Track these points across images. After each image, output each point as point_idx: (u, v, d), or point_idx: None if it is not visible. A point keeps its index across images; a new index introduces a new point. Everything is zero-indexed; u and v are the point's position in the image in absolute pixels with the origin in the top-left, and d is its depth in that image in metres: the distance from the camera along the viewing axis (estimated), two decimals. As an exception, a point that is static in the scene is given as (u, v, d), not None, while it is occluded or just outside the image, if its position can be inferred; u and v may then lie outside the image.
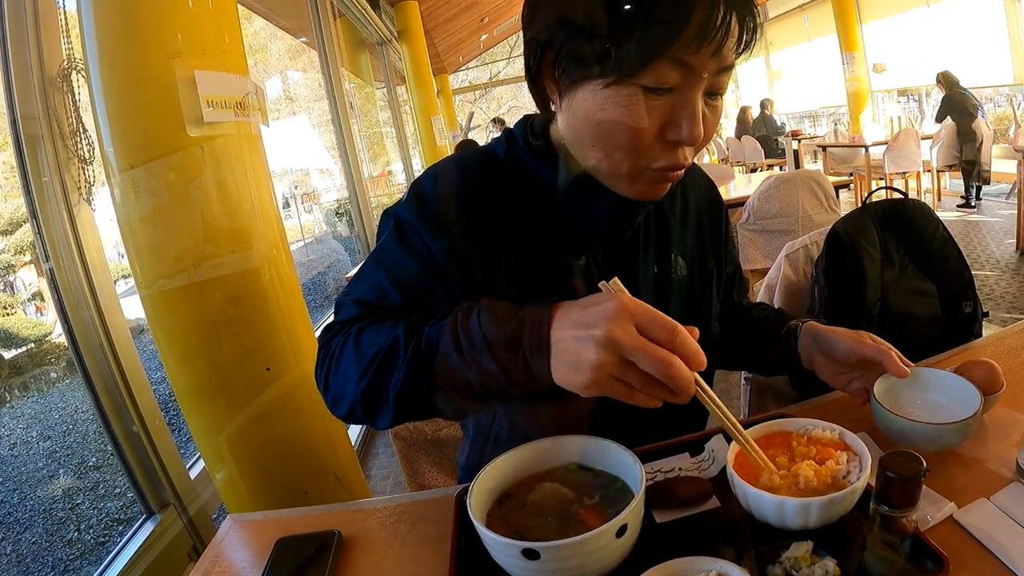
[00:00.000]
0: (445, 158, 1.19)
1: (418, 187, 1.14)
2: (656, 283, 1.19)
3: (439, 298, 1.08)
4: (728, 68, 0.92)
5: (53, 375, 5.15)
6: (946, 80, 8.36)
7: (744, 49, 0.95)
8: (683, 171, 0.99)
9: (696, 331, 0.77)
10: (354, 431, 4.09)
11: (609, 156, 0.98)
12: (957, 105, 8.00)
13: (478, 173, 1.14)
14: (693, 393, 0.76)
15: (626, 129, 0.92)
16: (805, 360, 1.21)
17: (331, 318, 1.11)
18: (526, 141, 1.12)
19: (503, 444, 1.24)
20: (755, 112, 12.48)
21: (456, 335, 0.85)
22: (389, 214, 1.14)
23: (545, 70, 0.99)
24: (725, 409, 0.85)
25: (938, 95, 9.23)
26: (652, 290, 1.18)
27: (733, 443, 0.92)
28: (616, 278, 0.83)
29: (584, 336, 0.75)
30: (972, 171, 7.79)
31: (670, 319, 0.75)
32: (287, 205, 10.35)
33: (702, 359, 0.75)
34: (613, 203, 1.07)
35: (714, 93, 0.94)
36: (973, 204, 7.94)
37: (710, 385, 1.34)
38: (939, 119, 8.27)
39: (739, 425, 0.88)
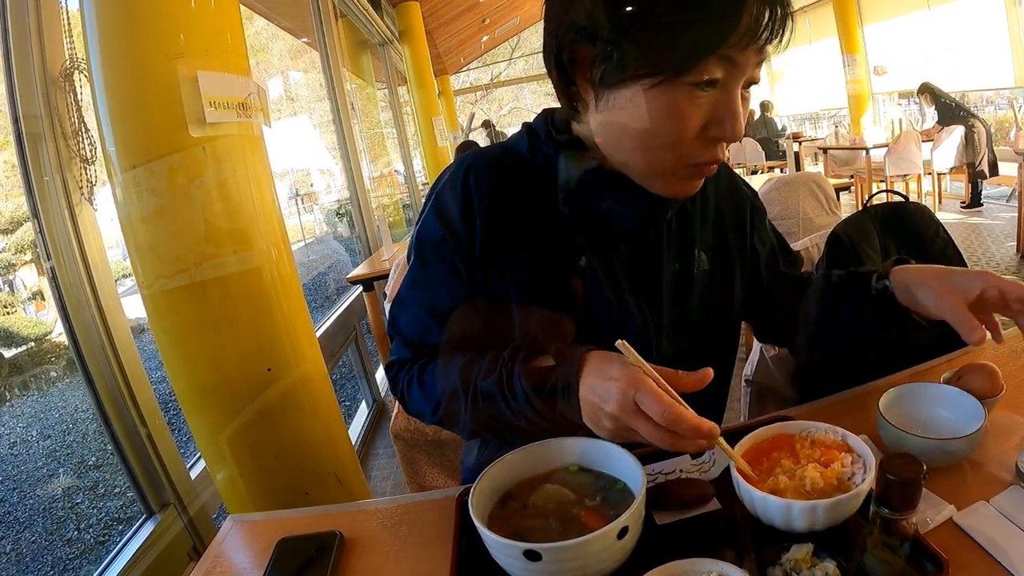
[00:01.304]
0: (462, 157, 1.17)
1: (438, 200, 1.15)
2: (678, 279, 1.18)
3: (477, 315, 1.14)
4: (764, 59, 0.94)
5: (53, 374, 5.15)
6: (931, 91, 8.41)
7: (783, 41, 0.95)
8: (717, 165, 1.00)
9: (710, 373, 0.86)
10: (354, 432, 4.10)
11: (650, 154, 0.98)
12: (955, 110, 8.04)
13: (501, 171, 1.13)
14: (706, 433, 0.81)
15: (671, 129, 0.93)
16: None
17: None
18: (550, 137, 1.12)
19: (517, 444, 1.25)
20: (756, 114, 12.47)
21: (504, 394, 0.99)
22: (418, 238, 1.17)
23: (580, 68, 0.97)
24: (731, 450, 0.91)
25: (926, 106, 9.25)
26: (674, 286, 1.18)
27: (737, 446, 0.92)
28: (624, 341, 0.87)
29: (599, 408, 0.87)
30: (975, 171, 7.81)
31: (665, 398, 0.82)
32: (299, 201, 10.35)
33: (697, 425, 0.81)
34: (643, 201, 1.07)
35: (749, 84, 0.96)
36: (981, 203, 7.97)
37: (729, 379, 1.35)
38: (944, 123, 8.23)
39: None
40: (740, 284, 1.28)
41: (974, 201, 7.99)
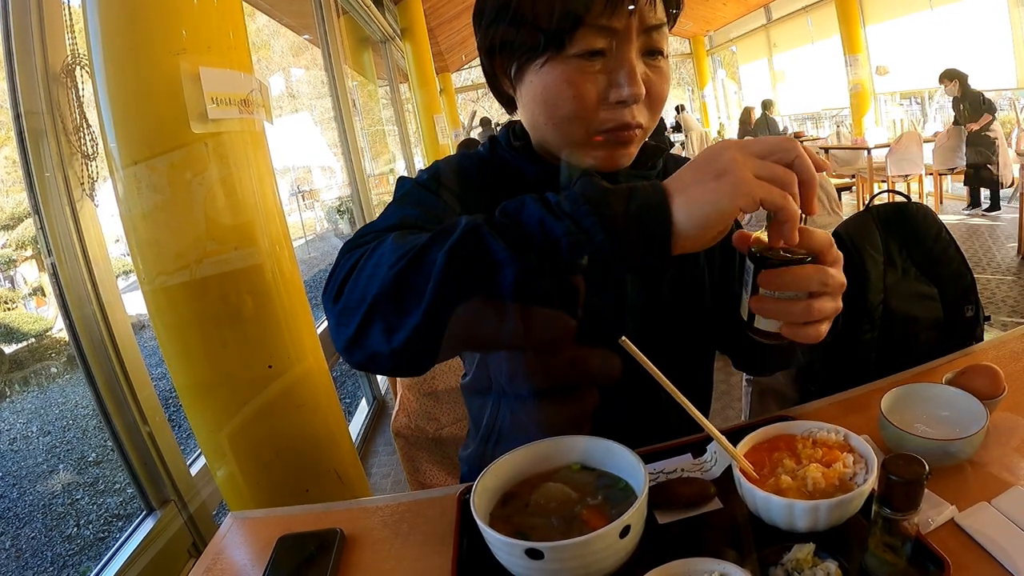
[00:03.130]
0: (442, 159, 1.22)
1: (432, 169, 1.17)
2: (643, 283, 1.18)
3: None
4: (657, 26, 0.98)
5: (53, 370, 5.15)
6: (959, 77, 8.06)
7: (673, 7, 1.02)
8: (637, 130, 1.01)
9: None
10: (355, 429, 4.10)
11: (561, 128, 1.02)
12: (983, 102, 7.82)
13: (465, 171, 1.17)
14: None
15: (569, 98, 0.98)
16: None
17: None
18: (508, 143, 1.17)
19: (507, 440, 1.25)
20: (756, 113, 12.48)
21: (545, 199, 0.74)
22: (405, 178, 1.13)
23: (498, 70, 1.08)
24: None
25: (942, 97, 9.23)
26: (639, 291, 1.17)
27: (739, 445, 0.92)
28: (626, 339, 0.84)
29: (708, 164, 0.72)
30: (989, 175, 7.73)
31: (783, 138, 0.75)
32: (300, 198, 10.36)
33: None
34: None
35: (652, 52, 0.99)
36: (1000, 206, 7.87)
37: (710, 371, 1.35)
38: (975, 117, 7.89)
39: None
40: (710, 290, 1.27)
41: (993, 204, 7.87)
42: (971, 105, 7.86)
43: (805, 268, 0.77)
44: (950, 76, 8.07)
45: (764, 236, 0.78)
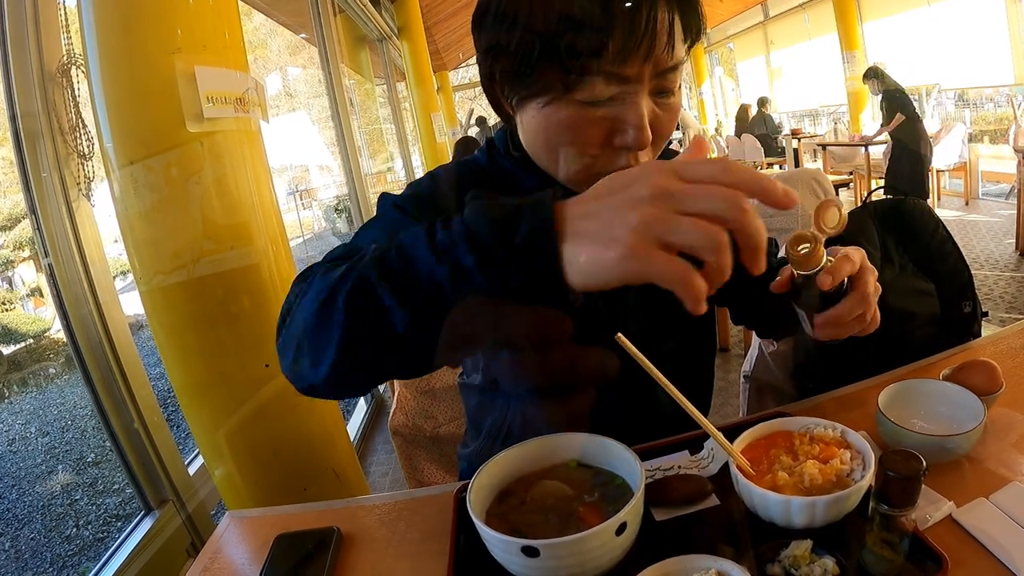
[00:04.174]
0: (431, 171, 1.20)
1: (415, 186, 1.15)
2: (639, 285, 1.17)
3: None
4: (672, 68, 0.93)
5: (52, 370, 5.15)
6: (877, 74, 7.78)
7: (690, 44, 0.97)
8: None
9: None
10: (353, 428, 4.10)
11: (563, 164, 1.00)
12: (905, 104, 7.45)
13: (463, 182, 1.15)
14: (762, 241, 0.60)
15: (572, 141, 0.95)
16: None
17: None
18: (507, 150, 1.14)
19: (506, 438, 1.25)
20: (752, 110, 12.49)
21: (432, 227, 0.71)
22: (386, 195, 1.14)
23: (497, 91, 1.02)
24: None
25: (939, 94, 9.26)
26: (634, 292, 1.17)
27: (735, 442, 0.92)
28: (622, 335, 0.82)
29: (619, 198, 0.62)
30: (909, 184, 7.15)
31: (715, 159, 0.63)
32: (297, 197, 10.34)
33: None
34: None
35: (663, 92, 0.95)
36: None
37: (711, 369, 1.36)
38: (888, 123, 7.57)
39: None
40: None
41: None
42: (887, 104, 7.59)
43: (852, 309, 0.92)
44: (868, 75, 7.92)
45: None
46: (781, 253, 0.96)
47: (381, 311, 0.71)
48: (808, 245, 0.88)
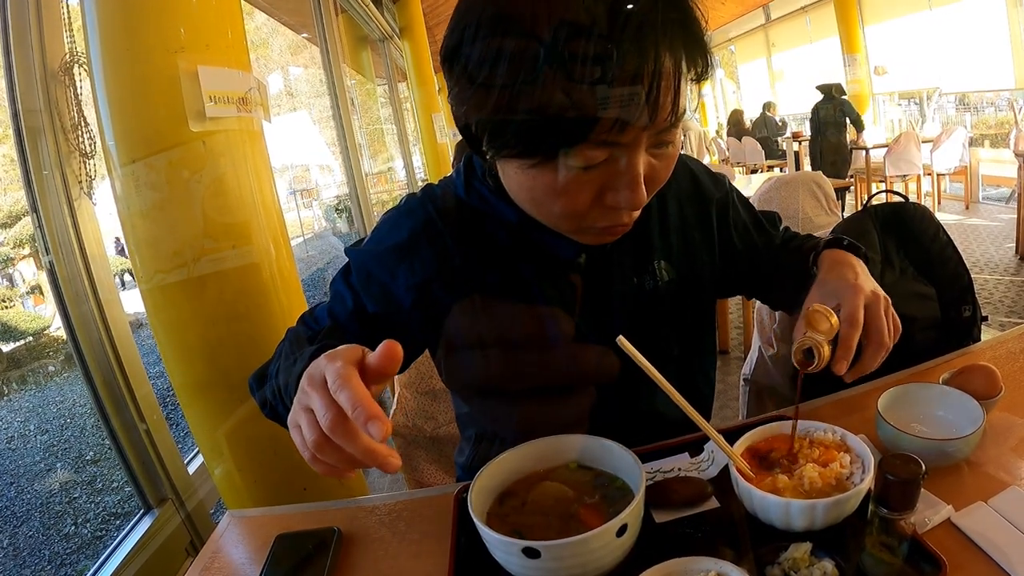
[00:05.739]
0: (405, 198, 1.18)
1: (377, 233, 1.15)
2: (637, 294, 1.16)
3: (354, 336, 1.12)
4: (672, 126, 0.87)
5: (51, 368, 5.14)
6: (823, 90, 8.70)
7: (699, 80, 0.90)
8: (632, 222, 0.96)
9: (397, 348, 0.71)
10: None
11: (550, 220, 0.98)
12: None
13: (438, 214, 1.12)
14: (363, 449, 0.71)
15: (559, 203, 0.90)
16: None
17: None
18: (484, 176, 1.09)
19: (507, 444, 1.25)
20: (748, 115, 12.58)
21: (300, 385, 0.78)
22: (348, 253, 1.17)
23: (472, 132, 0.92)
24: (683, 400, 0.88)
25: (940, 98, 9.31)
26: (633, 302, 1.16)
27: (735, 445, 0.92)
28: (623, 338, 0.83)
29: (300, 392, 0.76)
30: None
31: (348, 375, 0.71)
32: (298, 197, 10.35)
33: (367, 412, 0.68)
34: (574, 242, 1.05)
35: (662, 144, 0.89)
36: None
37: (712, 373, 1.36)
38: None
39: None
40: (712, 285, 1.27)
41: None
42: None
43: (874, 359, 0.99)
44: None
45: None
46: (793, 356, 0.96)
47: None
48: (815, 356, 0.91)
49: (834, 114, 8.83)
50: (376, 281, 1.12)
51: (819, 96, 9.04)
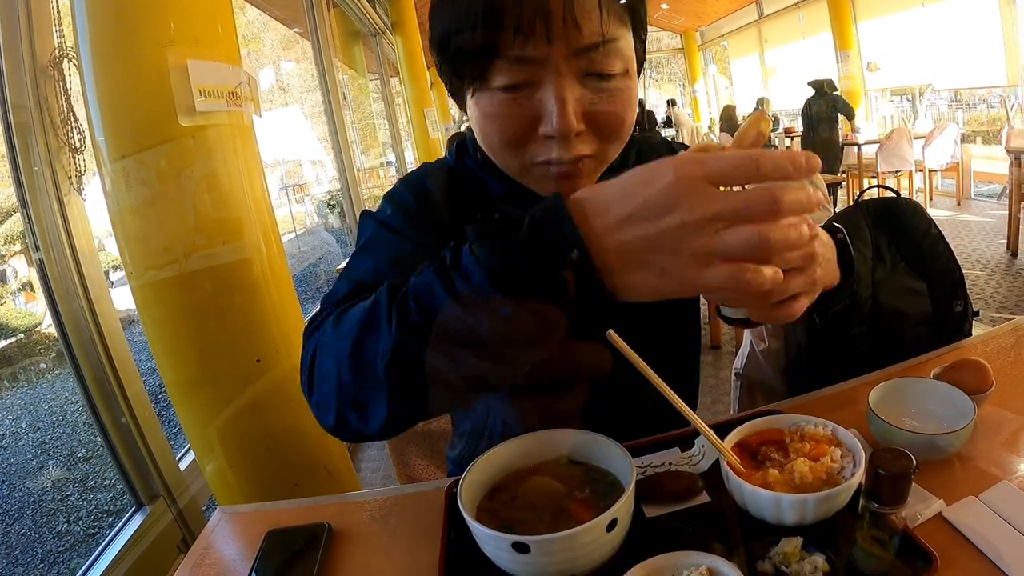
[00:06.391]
0: (404, 178, 1.19)
1: (393, 195, 1.15)
2: None
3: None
4: (595, 45, 0.86)
5: (43, 365, 5.13)
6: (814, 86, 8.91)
7: (634, 22, 0.92)
8: (581, 163, 0.94)
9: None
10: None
11: (499, 156, 0.98)
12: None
13: (436, 185, 1.13)
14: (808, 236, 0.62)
15: (497, 131, 0.92)
16: None
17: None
18: (474, 151, 1.11)
19: (498, 439, 1.25)
20: (740, 111, 12.64)
21: (446, 279, 0.69)
22: (368, 214, 1.13)
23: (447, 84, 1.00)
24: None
25: (932, 94, 9.36)
26: None
27: (726, 439, 0.92)
28: (612, 331, 0.79)
29: (660, 227, 0.61)
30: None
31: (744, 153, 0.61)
32: (289, 192, 10.35)
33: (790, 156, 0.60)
34: None
35: (599, 75, 0.88)
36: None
37: (696, 363, 1.34)
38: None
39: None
40: None
41: None
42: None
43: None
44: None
45: None
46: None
47: (432, 378, 0.72)
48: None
49: (826, 110, 8.93)
50: (410, 229, 1.08)
51: (811, 92, 9.10)
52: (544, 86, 0.86)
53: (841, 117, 8.87)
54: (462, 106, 0.99)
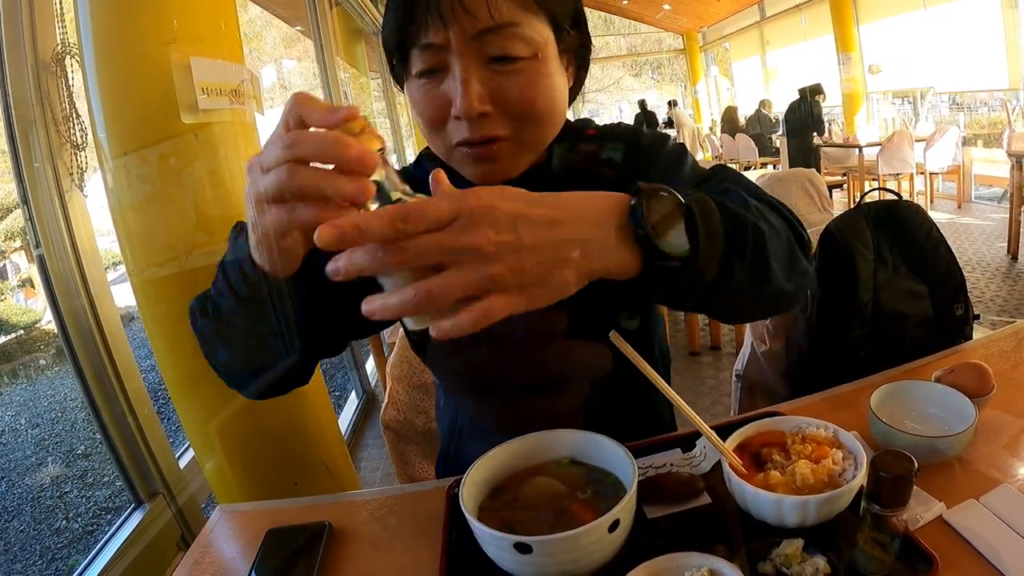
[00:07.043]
0: None
1: None
2: None
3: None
4: (493, 28, 0.89)
5: (43, 362, 5.13)
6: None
7: (548, 12, 0.95)
8: (497, 144, 0.96)
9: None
10: (344, 422, 4.09)
11: (429, 140, 1.03)
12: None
13: None
14: (371, 165, 0.63)
15: (420, 116, 0.99)
16: None
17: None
18: (432, 155, 1.13)
19: (468, 439, 1.27)
20: (742, 112, 12.67)
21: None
22: None
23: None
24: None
25: (934, 97, 9.39)
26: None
27: (728, 440, 0.92)
28: (615, 333, 0.84)
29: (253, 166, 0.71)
30: None
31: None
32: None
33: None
34: None
35: (502, 58, 0.92)
36: None
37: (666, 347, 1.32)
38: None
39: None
40: None
41: None
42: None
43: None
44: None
45: None
46: None
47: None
48: None
49: (803, 115, 9.10)
50: None
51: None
52: (451, 70, 0.92)
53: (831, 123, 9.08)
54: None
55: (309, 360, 1.08)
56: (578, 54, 1.05)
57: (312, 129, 0.66)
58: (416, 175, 1.14)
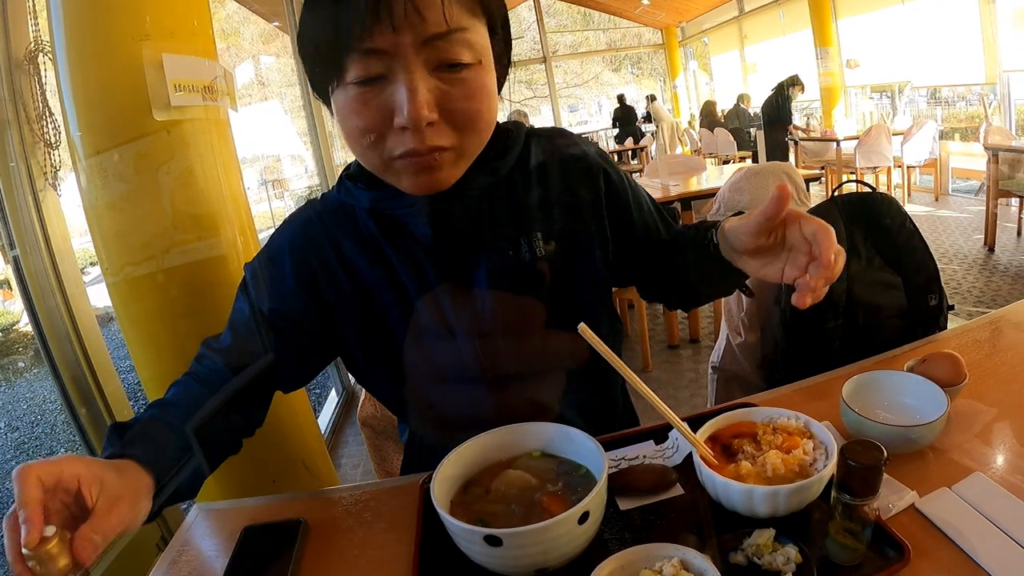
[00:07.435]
0: (285, 222, 1.22)
1: (267, 243, 1.20)
2: (513, 267, 1.11)
3: (261, 341, 1.16)
4: (441, 34, 0.88)
5: (21, 364, 5.09)
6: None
7: (487, 15, 0.94)
8: (440, 154, 0.94)
9: None
10: (324, 420, 4.09)
11: (359, 153, 0.99)
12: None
13: (317, 215, 1.16)
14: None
15: (356, 127, 0.93)
16: (732, 260, 1.03)
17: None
18: (357, 174, 1.12)
19: (417, 437, 1.33)
20: (720, 107, 12.72)
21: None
22: (244, 268, 1.21)
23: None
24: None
25: (912, 91, 9.47)
26: (509, 275, 1.11)
27: (699, 432, 0.92)
28: (584, 325, 0.85)
29: None
30: None
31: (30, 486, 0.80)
32: (269, 187, 10.32)
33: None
34: (420, 205, 1.05)
35: (449, 65, 0.90)
36: None
37: (621, 338, 1.32)
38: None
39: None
40: (602, 264, 1.20)
41: None
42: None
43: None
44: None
45: None
46: None
47: None
48: None
49: (779, 109, 9.43)
50: (266, 279, 1.15)
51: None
52: (396, 77, 0.88)
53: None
54: (328, 106, 1.00)
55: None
56: (504, 56, 1.04)
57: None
58: (348, 202, 1.13)
